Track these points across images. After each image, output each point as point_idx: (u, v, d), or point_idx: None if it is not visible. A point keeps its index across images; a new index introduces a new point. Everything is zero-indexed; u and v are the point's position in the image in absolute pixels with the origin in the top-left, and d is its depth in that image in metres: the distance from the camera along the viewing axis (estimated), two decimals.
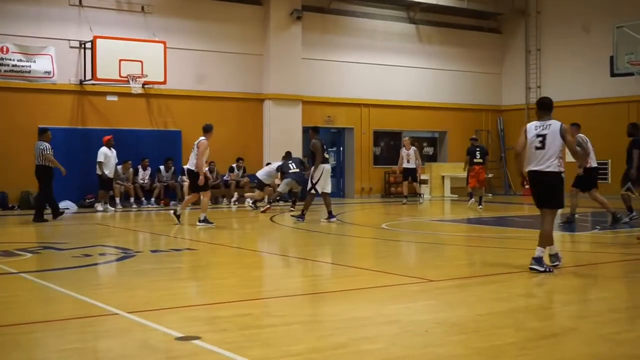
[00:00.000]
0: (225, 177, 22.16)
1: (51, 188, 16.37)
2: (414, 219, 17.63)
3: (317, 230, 14.51)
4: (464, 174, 21.39)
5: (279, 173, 19.74)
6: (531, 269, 8.76)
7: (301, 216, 15.67)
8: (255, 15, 23.56)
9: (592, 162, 14.47)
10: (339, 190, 26.06)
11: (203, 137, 15.22)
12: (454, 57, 27.60)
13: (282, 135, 23.39)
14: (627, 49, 19.28)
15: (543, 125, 8.86)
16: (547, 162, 8.78)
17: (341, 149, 26.16)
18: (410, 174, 22.11)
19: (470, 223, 16.50)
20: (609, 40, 19.86)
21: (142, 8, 21.73)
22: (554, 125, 8.80)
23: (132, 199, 20.42)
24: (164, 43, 21.19)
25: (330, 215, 15.61)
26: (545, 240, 8.93)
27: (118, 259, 10.11)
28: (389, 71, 26.11)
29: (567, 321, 6.46)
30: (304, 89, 24.03)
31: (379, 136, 26.36)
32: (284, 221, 16.80)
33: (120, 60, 20.34)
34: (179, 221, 15.29)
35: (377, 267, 9.72)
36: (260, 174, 20.27)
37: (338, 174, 26.32)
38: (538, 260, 8.79)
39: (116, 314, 6.51)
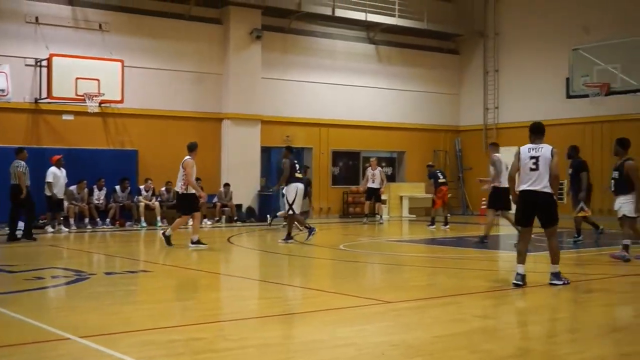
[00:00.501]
0: None
1: (19, 209, 16.28)
2: (373, 239, 17.62)
3: (274, 252, 14.41)
4: (422, 194, 21.68)
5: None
6: (551, 284, 9.36)
7: (289, 237, 15.41)
8: (215, 35, 23.47)
9: (503, 183, 14.56)
10: None
11: (188, 157, 14.87)
12: (413, 78, 27.77)
13: (240, 155, 23.27)
14: (583, 71, 19.55)
15: (536, 148, 9.42)
16: (542, 182, 9.26)
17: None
18: (373, 194, 22.16)
19: (428, 244, 16.53)
20: (566, 62, 20.13)
21: (100, 26, 21.51)
22: (546, 148, 9.38)
23: (86, 220, 20.08)
24: (122, 61, 20.98)
25: (288, 236, 15.48)
26: (556, 256, 9.57)
27: (71, 282, 9.90)
28: (348, 91, 26.18)
29: (522, 342, 6.46)
30: (263, 109, 23.96)
31: (337, 156, 26.37)
32: (242, 242, 16.69)
33: (76, 79, 20.05)
34: (170, 244, 14.59)
35: (334, 288, 9.65)
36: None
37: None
38: (556, 275, 9.41)
39: (69, 338, 6.35)
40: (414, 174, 27.44)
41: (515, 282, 9.31)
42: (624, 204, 12.48)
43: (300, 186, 15.60)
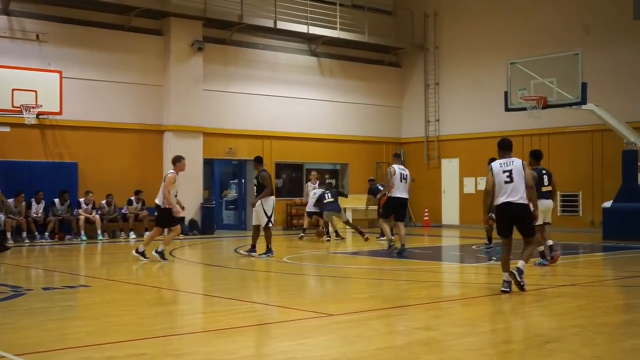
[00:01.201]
0: (123, 210, 21.65)
1: None
2: (316, 251, 17.63)
3: (217, 265, 14.31)
4: (365, 206, 21.79)
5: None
6: (519, 283, 9.81)
7: (269, 251, 15.09)
8: (156, 46, 23.29)
9: (396, 193, 15.61)
10: (241, 223, 25.86)
11: (171, 171, 14.59)
12: (356, 90, 27.97)
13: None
14: (521, 85, 19.94)
15: (507, 162, 9.83)
16: (519, 194, 9.71)
17: (242, 180, 26.00)
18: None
19: (372, 255, 16.61)
20: (504, 75, 20.50)
21: (37, 36, 21.16)
22: (517, 161, 9.87)
23: (24, 234, 19.67)
24: (60, 73, 20.68)
25: (269, 250, 15.11)
26: (528, 258, 10.10)
27: (6, 298, 9.67)
28: (291, 103, 26.23)
29: (463, 354, 6.52)
30: (205, 121, 23.84)
31: (280, 168, 26.37)
32: (184, 255, 16.53)
33: (13, 90, 19.71)
34: (146, 257, 14.34)
35: (277, 301, 9.63)
36: (309, 207, 20.80)
37: (240, 206, 26.15)
38: (519, 270, 9.81)
39: (4, 356, 6.20)
40: (357, 186, 27.59)
41: (503, 289, 9.78)
42: None
43: (273, 199, 15.32)
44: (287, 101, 26.12)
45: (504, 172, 9.77)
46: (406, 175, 15.70)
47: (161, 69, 23.29)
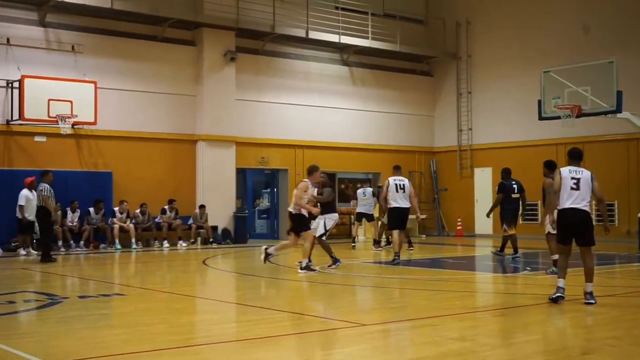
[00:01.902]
0: (157, 219, 21.82)
1: (50, 231, 17.10)
2: (350, 261, 17.58)
3: (250, 274, 14.34)
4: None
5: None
6: (587, 303, 9.68)
7: (336, 260, 14.85)
8: (189, 56, 23.48)
9: (394, 204, 15.54)
10: (273, 232, 25.92)
11: (306, 180, 14.70)
12: (387, 99, 27.93)
13: (215, 176, 23.24)
14: (554, 93, 19.78)
15: (576, 171, 10.02)
16: (583, 201, 9.87)
17: (275, 190, 26.08)
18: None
19: (404, 265, 16.53)
20: (538, 84, 20.35)
21: (73, 47, 21.44)
22: (586, 172, 10.05)
23: (60, 242, 19.89)
24: (95, 83, 20.92)
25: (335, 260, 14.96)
26: (591, 275, 9.93)
27: (43, 306, 9.79)
28: (323, 112, 26.26)
29: None
30: (237, 130, 23.96)
31: None
32: (217, 264, 16.60)
33: (49, 100, 19.96)
34: (268, 261, 14.63)
35: (310, 311, 9.63)
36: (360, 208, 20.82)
37: (272, 215, 26.21)
38: (591, 294, 9.77)
39: None
40: None
41: (557, 295, 9.74)
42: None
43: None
44: (319, 110, 26.16)
45: (572, 179, 9.89)
46: (403, 185, 15.54)
47: (194, 79, 23.47)
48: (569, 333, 8.12)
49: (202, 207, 22.50)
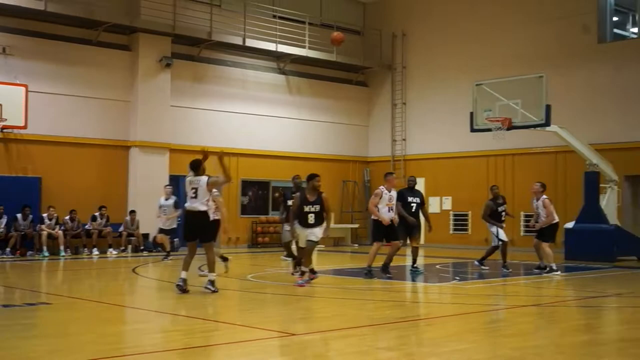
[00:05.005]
0: (86, 226, 21.44)
1: None
2: (281, 270, 17.59)
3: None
4: (331, 225, 21.77)
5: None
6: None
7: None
8: (124, 61, 23.20)
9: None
10: None
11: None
12: (323, 109, 28.07)
13: (147, 183, 22.95)
14: (486, 106, 20.10)
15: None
16: None
17: None
18: None
19: (336, 274, 16.62)
20: (470, 96, 20.68)
21: (4, 49, 20.99)
22: None
23: None
24: (25, 86, 20.51)
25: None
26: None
27: None
28: (258, 121, 26.24)
29: None
30: (171, 137, 23.75)
31: (247, 185, 26.31)
32: (148, 273, 16.41)
33: None
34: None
35: (240, 321, 9.59)
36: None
37: None
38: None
39: None
40: None
41: None
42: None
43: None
44: (255, 118, 26.14)
45: None
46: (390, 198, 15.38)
47: (129, 84, 23.20)
48: (496, 342, 8.27)
49: (132, 212, 22.19)
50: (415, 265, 16.06)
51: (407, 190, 16.10)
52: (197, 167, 12.70)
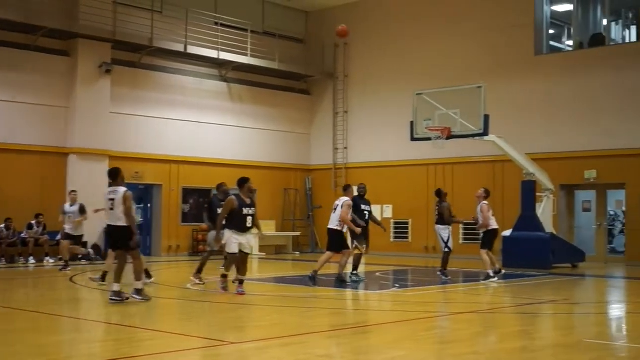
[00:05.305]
0: (22, 235, 20.99)
1: None
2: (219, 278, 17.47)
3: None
4: (273, 232, 21.86)
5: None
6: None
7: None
8: (62, 67, 22.82)
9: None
10: (146, 248, 25.45)
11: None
12: (265, 117, 28.04)
13: (86, 190, 22.52)
14: (426, 115, 20.30)
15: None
16: None
17: (149, 205, 25.65)
18: None
19: (277, 282, 16.61)
20: (411, 105, 20.86)
21: None
22: None
23: None
24: None
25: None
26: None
27: None
28: (200, 128, 26.07)
29: None
30: (111, 144, 23.43)
31: (187, 193, 26.10)
32: (85, 281, 16.15)
33: None
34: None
35: (177, 329, 9.52)
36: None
37: (145, 231, 25.74)
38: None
39: None
40: (265, 212, 27.61)
41: None
42: None
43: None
44: (196, 126, 25.96)
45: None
46: (337, 207, 15.44)
47: (67, 90, 22.82)
48: (434, 349, 8.37)
49: (39, 216, 21.59)
50: (355, 272, 16.07)
51: (358, 198, 16.16)
52: (115, 176, 12.30)
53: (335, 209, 15.24)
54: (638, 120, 22.07)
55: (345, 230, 15.15)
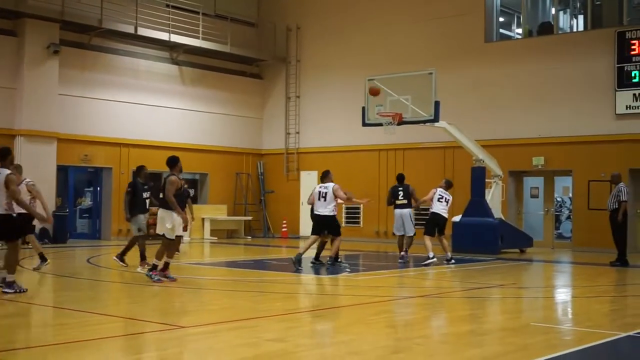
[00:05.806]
0: None
1: None
2: (172, 261, 17.38)
3: (65, 275, 13.86)
4: (224, 217, 21.78)
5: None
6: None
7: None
8: (9, 47, 22.33)
9: (315, 210, 15.92)
10: (95, 232, 25.18)
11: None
12: (217, 100, 27.85)
13: (34, 173, 22.06)
14: (377, 101, 20.36)
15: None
16: None
17: (98, 189, 25.33)
18: None
19: (229, 266, 16.58)
20: (363, 91, 20.91)
21: None
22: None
23: None
24: None
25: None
26: None
27: None
28: (151, 111, 25.79)
29: None
30: (59, 126, 23.04)
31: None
32: (32, 265, 15.90)
33: None
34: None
35: (128, 313, 9.45)
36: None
37: (95, 215, 25.44)
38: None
39: None
40: (217, 196, 27.51)
41: None
42: None
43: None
44: (147, 109, 25.68)
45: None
46: (325, 194, 15.54)
47: (14, 71, 22.35)
48: (383, 333, 8.45)
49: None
50: (317, 260, 16.12)
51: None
52: (3, 157, 10.65)
53: (325, 197, 15.38)
54: (585, 108, 22.46)
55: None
